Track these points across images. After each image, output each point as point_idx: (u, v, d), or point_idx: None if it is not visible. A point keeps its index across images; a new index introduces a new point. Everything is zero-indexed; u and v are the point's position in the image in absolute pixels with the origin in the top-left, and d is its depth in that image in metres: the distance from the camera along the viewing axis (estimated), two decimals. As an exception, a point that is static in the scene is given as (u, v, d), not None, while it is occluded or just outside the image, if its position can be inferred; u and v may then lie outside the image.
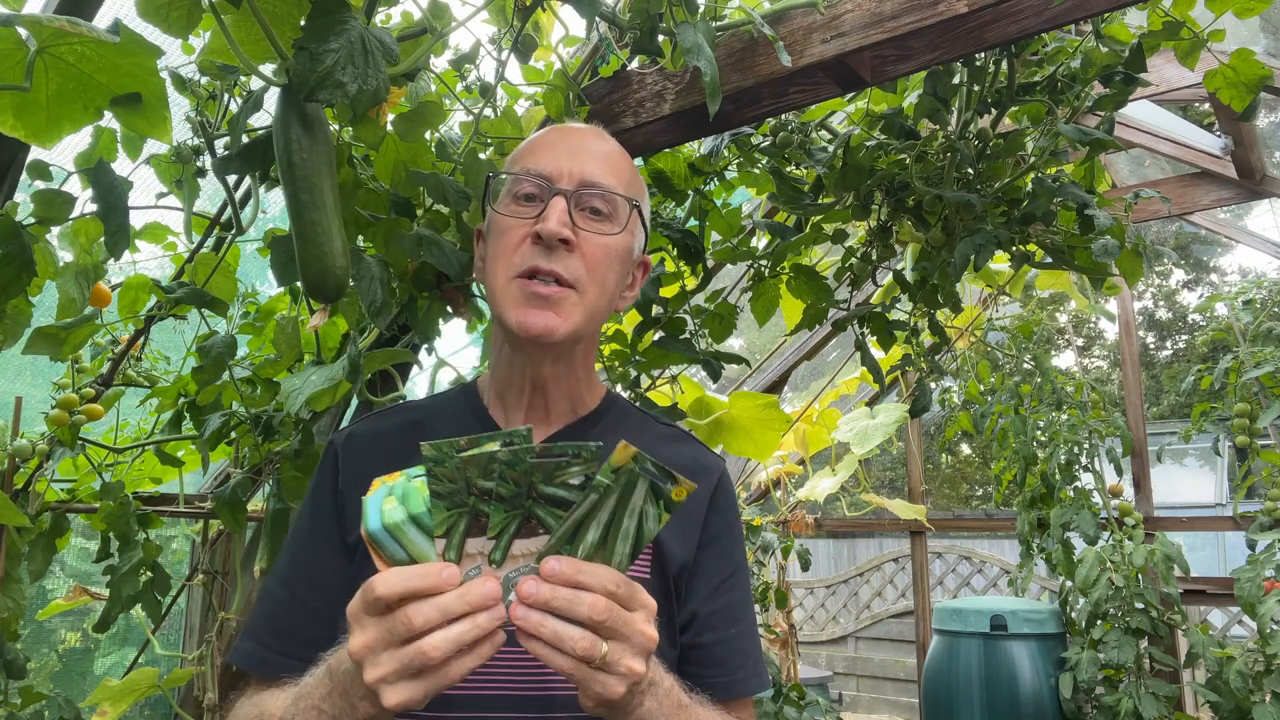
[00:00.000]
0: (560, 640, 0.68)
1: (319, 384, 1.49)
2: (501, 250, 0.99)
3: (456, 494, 0.69)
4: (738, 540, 1.09)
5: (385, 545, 0.71)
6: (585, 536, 0.71)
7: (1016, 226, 1.87)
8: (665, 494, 0.71)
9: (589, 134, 1.08)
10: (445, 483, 0.69)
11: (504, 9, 1.51)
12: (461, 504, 0.70)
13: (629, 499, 0.71)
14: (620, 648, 0.70)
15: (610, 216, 1.01)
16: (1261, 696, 3.20)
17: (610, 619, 0.69)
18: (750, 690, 1.02)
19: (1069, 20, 1.43)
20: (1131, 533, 3.74)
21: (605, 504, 0.71)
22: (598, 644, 0.69)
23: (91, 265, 1.50)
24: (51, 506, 1.95)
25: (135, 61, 1.11)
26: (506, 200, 1.02)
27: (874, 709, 7.27)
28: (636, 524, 0.72)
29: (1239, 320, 3.75)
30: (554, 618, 0.68)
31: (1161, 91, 3.20)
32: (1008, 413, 4.15)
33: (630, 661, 0.71)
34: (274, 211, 2.14)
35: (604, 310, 1.02)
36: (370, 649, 0.69)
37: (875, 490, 5.23)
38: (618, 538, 0.72)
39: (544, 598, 0.68)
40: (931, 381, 2.31)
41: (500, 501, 0.70)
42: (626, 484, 0.70)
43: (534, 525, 0.72)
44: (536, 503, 0.71)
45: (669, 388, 2.40)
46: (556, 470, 0.70)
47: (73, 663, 2.77)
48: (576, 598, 0.69)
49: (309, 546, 1.03)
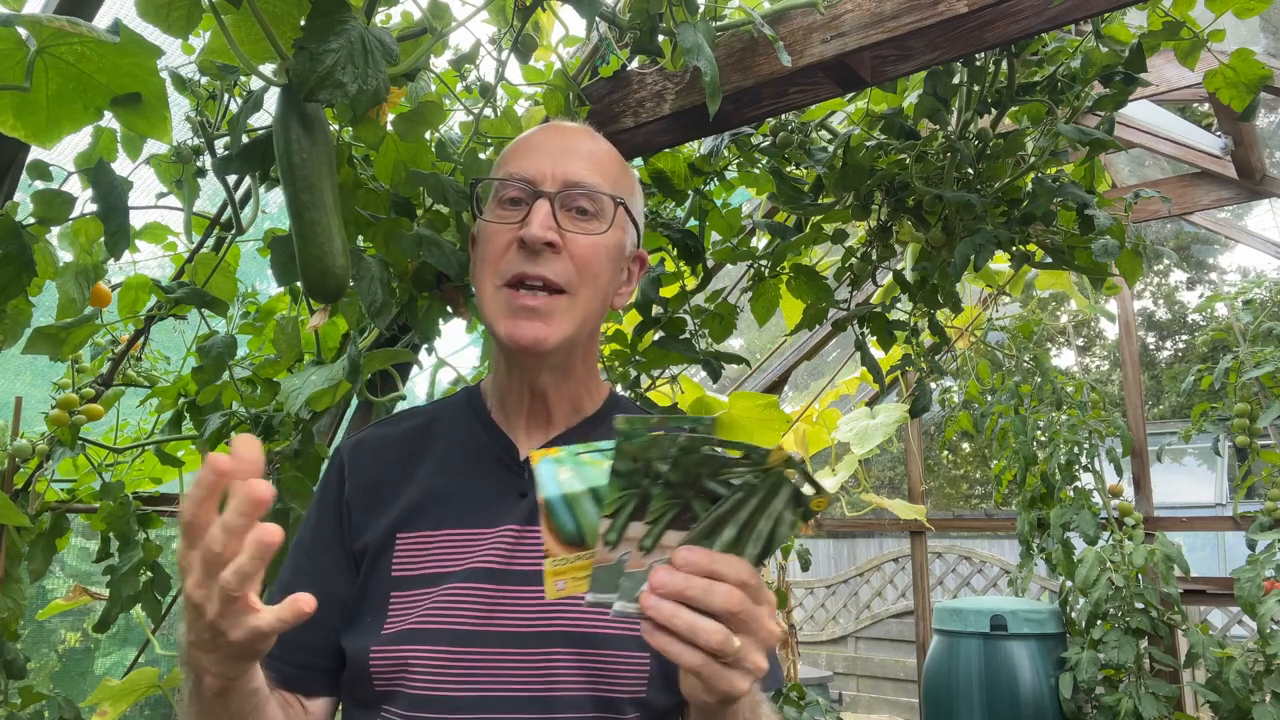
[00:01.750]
0: (694, 633, 0.66)
1: (319, 384, 1.49)
2: (488, 257, 0.99)
3: (635, 474, 0.68)
4: None
5: (559, 514, 0.70)
6: (722, 534, 0.70)
7: (1016, 226, 1.87)
8: (805, 502, 0.70)
9: (573, 133, 1.07)
10: (628, 460, 0.68)
11: (504, 9, 1.51)
12: (636, 485, 0.68)
13: (771, 502, 0.70)
14: (749, 642, 0.69)
15: (596, 215, 1.00)
16: (1261, 696, 3.20)
17: (744, 611, 0.67)
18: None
19: (1069, 20, 1.43)
20: (1131, 533, 3.74)
21: (748, 503, 0.70)
22: (731, 638, 0.67)
23: (91, 265, 1.50)
24: (51, 506, 1.95)
25: (135, 61, 1.11)
26: (492, 206, 1.01)
27: (874, 709, 7.27)
28: (771, 527, 0.71)
29: (1239, 320, 3.75)
30: (688, 609, 0.66)
31: (1161, 91, 3.20)
32: (1008, 413, 4.15)
33: (757, 657, 0.69)
34: (274, 211, 2.14)
35: (598, 311, 1.01)
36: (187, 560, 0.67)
37: (875, 490, 5.23)
38: (750, 538, 0.71)
39: (678, 587, 0.66)
40: (931, 381, 2.31)
41: (666, 487, 0.69)
42: (772, 486, 0.69)
43: (688, 518, 0.70)
44: (696, 495, 0.70)
45: (669, 388, 2.40)
46: (725, 467, 0.69)
47: (73, 663, 2.77)
48: (711, 588, 0.67)
49: (312, 555, 1.02)
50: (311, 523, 1.05)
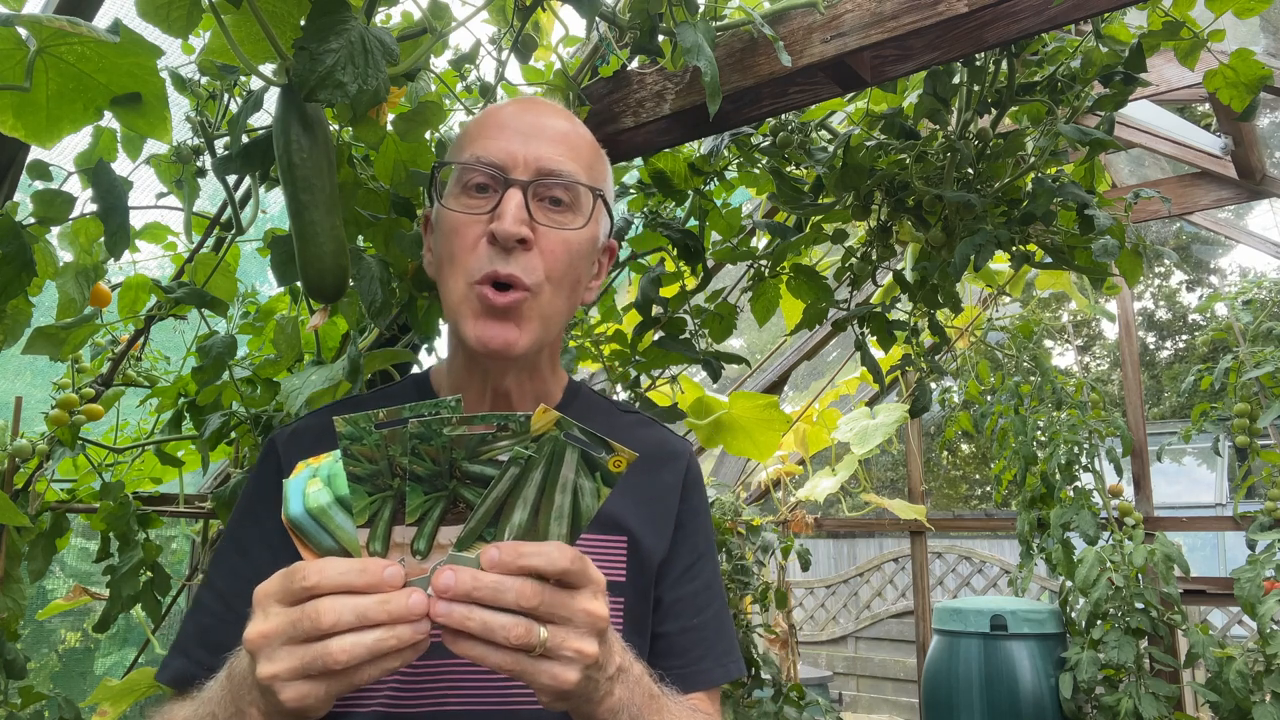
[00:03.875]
0: (490, 632, 0.60)
1: (319, 384, 1.49)
2: (456, 252, 0.89)
3: (378, 476, 0.61)
4: (704, 526, 1.03)
5: (310, 533, 0.64)
6: (510, 518, 0.63)
7: (1016, 226, 1.87)
8: (601, 465, 0.63)
9: (544, 110, 0.96)
10: (365, 463, 0.61)
11: (504, 9, 1.51)
12: (385, 487, 0.62)
13: (558, 472, 0.63)
14: (563, 631, 0.63)
15: (571, 206, 0.91)
16: (1261, 696, 3.20)
17: (545, 601, 0.61)
18: (713, 680, 0.97)
19: (1069, 20, 1.43)
20: (1131, 533, 3.74)
21: (530, 479, 0.63)
22: (534, 629, 0.61)
23: (91, 265, 1.50)
24: (51, 506, 1.95)
25: (135, 61, 1.11)
26: (456, 192, 0.91)
27: (874, 709, 7.26)
28: (571, 500, 0.64)
29: (1239, 320, 3.75)
30: (481, 609, 0.61)
31: (1161, 91, 3.20)
32: (1008, 413, 4.15)
33: (577, 643, 0.63)
34: (274, 211, 2.14)
35: (566, 311, 0.94)
36: (268, 640, 0.62)
37: (875, 490, 5.22)
38: (550, 518, 0.64)
39: (465, 588, 0.60)
40: (931, 381, 2.31)
41: (418, 483, 0.62)
42: (552, 454, 0.62)
43: (462, 510, 0.63)
44: (461, 483, 0.63)
45: (669, 388, 2.40)
46: (481, 445, 0.62)
47: (73, 663, 2.77)
48: (501, 584, 0.61)
49: (245, 553, 0.94)
50: (242, 519, 0.96)
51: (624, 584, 0.94)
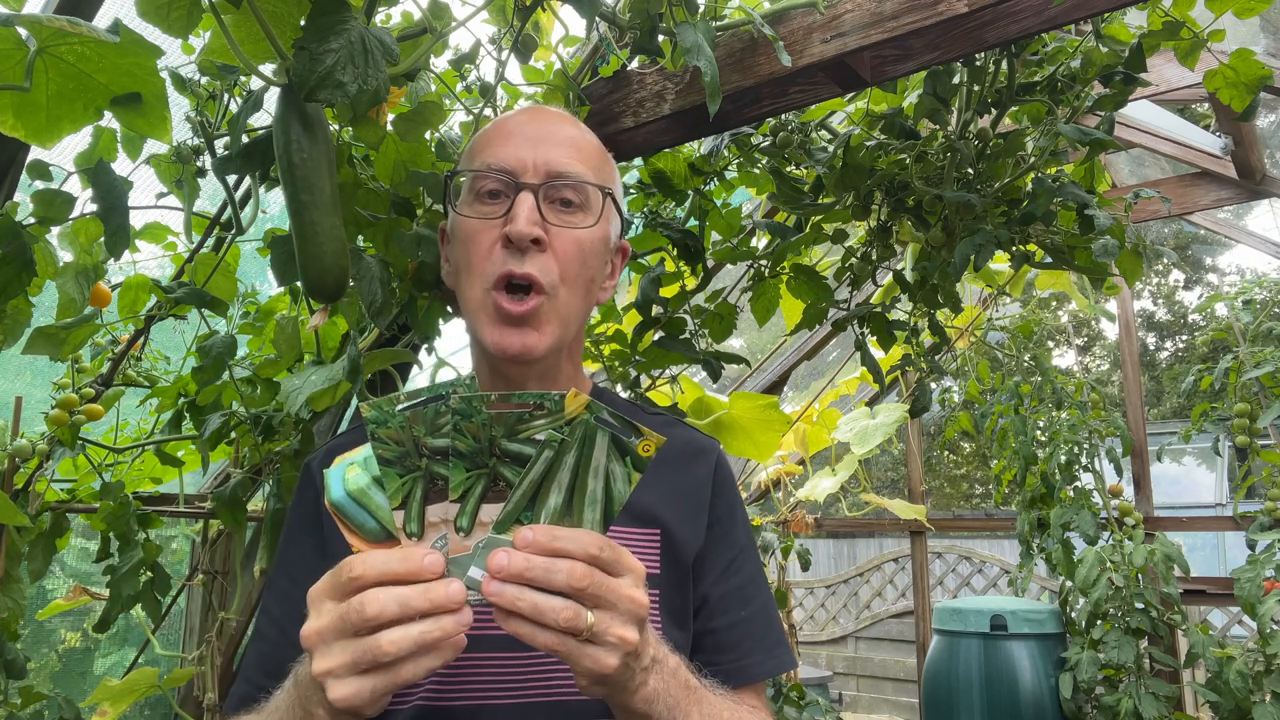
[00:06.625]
0: (540, 613, 0.62)
1: (319, 384, 1.49)
2: (473, 258, 0.92)
3: (406, 457, 0.64)
4: (741, 521, 1.05)
5: (353, 515, 0.65)
6: (546, 502, 0.65)
7: (1016, 226, 1.87)
8: (631, 450, 0.65)
9: (550, 117, 1.00)
10: (392, 446, 0.63)
11: (504, 9, 1.51)
12: (413, 468, 0.64)
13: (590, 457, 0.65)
14: (608, 616, 0.65)
15: (582, 207, 0.94)
16: (1261, 696, 3.20)
17: (593, 585, 0.64)
18: (764, 673, 0.99)
19: (1069, 20, 1.43)
20: (1131, 533, 3.74)
21: (563, 463, 0.65)
22: (581, 613, 0.63)
23: (91, 265, 1.50)
24: (51, 506, 1.95)
25: (135, 61, 1.11)
26: (469, 200, 0.95)
27: (874, 709, 7.27)
28: (604, 486, 0.65)
29: (1239, 320, 3.75)
30: (532, 590, 0.63)
31: (1161, 91, 3.20)
32: (1008, 413, 4.15)
33: (620, 630, 0.65)
34: (274, 211, 2.14)
35: (583, 309, 0.97)
36: (322, 636, 0.64)
37: (875, 490, 5.22)
38: (584, 503, 0.66)
39: (518, 569, 0.62)
40: (931, 381, 2.31)
41: (460, 459, 0.64)
42: (584, 438, 0.64)
43: (502, 489, 0.65)
44: (501, 461, 0.64)
45: (669, 388, 2.40)
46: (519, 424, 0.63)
47: (73, 663, 2.77)
48: (553, 565, 0.63)
49: (294, 579, 0.96)
50: (290, 545, 1.00)
51: (659, 576, 0.95)
